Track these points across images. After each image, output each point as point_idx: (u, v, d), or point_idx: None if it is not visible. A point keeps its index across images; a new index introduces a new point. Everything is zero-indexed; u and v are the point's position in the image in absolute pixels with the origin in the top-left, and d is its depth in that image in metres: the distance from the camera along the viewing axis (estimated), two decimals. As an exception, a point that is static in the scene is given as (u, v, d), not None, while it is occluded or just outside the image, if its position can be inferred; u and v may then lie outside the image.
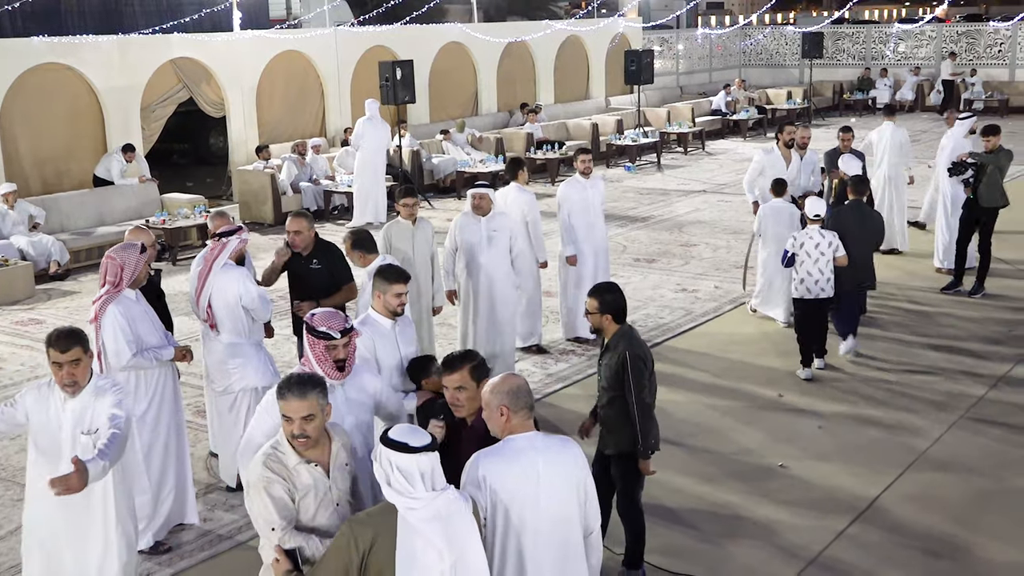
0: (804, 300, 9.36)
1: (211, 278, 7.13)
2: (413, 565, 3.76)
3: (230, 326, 7.14)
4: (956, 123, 12.67)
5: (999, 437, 8.06)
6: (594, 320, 5.91)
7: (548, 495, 4.23)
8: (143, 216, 15.08)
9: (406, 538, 3.78)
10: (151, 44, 17.25)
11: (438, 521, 3.79)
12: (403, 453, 3.78)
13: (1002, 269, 12.48)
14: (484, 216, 9.04)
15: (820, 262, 9.24)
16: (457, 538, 3.82)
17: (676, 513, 7.00)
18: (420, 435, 3.86)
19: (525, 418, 4.31)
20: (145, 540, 6.55)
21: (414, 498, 3.76)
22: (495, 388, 4.33)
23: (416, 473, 3.77)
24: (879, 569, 6.25)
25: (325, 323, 5.10)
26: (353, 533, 3.83)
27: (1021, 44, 29.74)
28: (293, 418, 4.32)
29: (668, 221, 16.26)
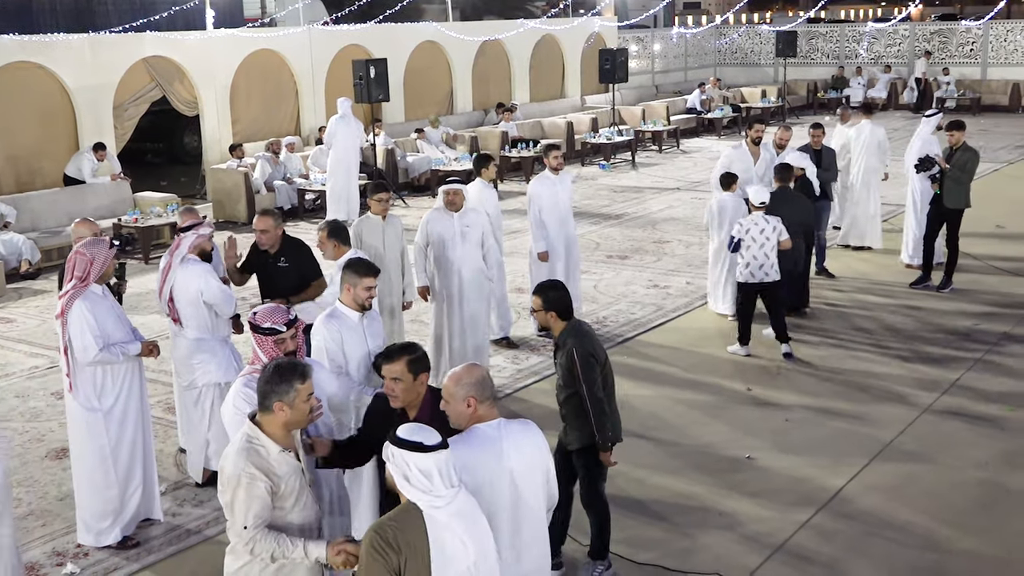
0: (749, 284, 9.71)
1: (171, 273, 7.17)
2: (446, 561, 3.78)
3: (193, 321, 7.19)
4: (921, 121, 12.77)
5: (962, 428, 8.16)
6: (540, 318, 5.94)
7: (517, 479, 4.32)
8: (116, 214, 15.05)
9: (437, 535, 3.77)
10: (123, 43, 17.18)
11: (462, 517, 3.82)
12: (419, 452, 3.77)
13: (970, 264, 12.61)
14: (456, 212, 9.08)
15: (766, 247, 9.59)
16: (477, 532, 3.86)
17: (643, 505, 7.06)
18: (430, 434, 3.86)
19: (490, 407, 4.38)
20: (112, 535, 6.59)
21: (437, 495, 3.77)
22: (460, 380, 4.37)
23: (435, 471, 3.77)
24: (842, 557, 6.32)
25: (269, 319, 5.14)
26: (385, 539, 3.77)
27: (993, 43, 30.01)
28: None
29: (642, 218, 16.33)
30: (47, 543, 6.73)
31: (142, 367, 6.80)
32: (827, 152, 12.43)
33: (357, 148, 16.65)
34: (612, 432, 5.96)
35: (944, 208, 11.51)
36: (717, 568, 6.20)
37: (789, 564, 6.26)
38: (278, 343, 5.09)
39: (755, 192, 9.77)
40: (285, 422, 4.39)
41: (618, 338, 10.50)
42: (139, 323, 10.43)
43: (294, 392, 4.38)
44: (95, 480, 6.54)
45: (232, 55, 18.50)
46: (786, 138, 11.81)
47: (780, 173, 10.40)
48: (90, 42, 16.59)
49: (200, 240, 7.30)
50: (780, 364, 9.64)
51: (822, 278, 12.23)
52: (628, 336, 10.56)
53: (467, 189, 9.44)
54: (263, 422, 4.41)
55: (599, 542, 6.14)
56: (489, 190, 10.09)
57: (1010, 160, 20.87)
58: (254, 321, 5.16)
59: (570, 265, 10.58)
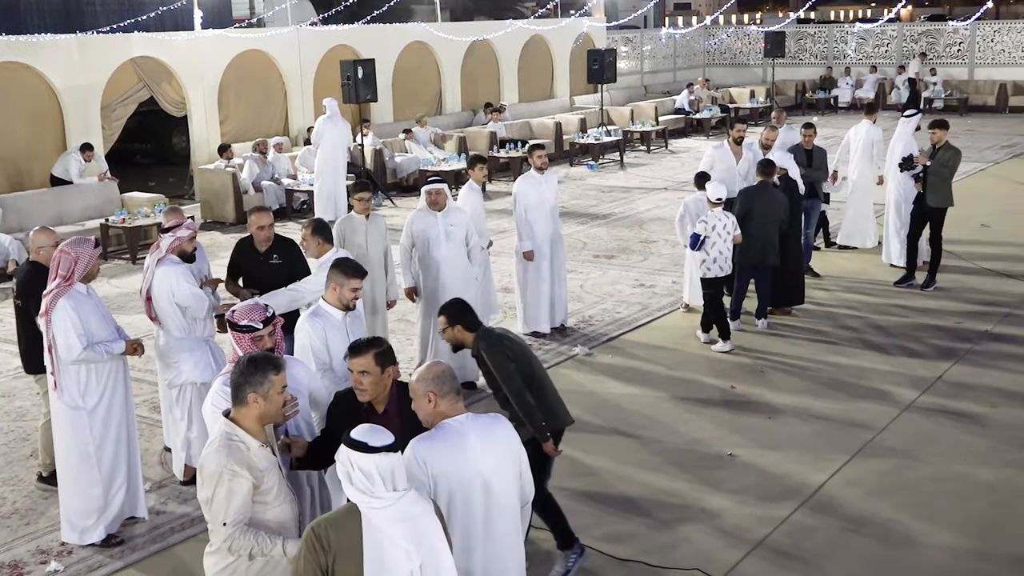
0: (716, 278, 10.01)
1: (149, 273, 7.21)
2: (382, 566, 3.75)
3: (170, 321, 7.22)
4: (900, 121, 12.83)
5: (943, 425, 8.22)
6: (449, 336, 5.89)
7: (488, 472, 4.35)
8: (103, 215, 15.05)
9: (372, 539, 3.75)
10: (111, 43, 17.19)
11: (404, 522, 3.77)
12: (362, 452, 3.76)
13: (955, 263, 12.70)
14: (440, 211, 9.11)
15: (728, 241, 9.96)
16: (424, 538, 3.80)
17: (626, 501, 7.10)
18: (381, 435, 3.83)
19: (453, 402, 4.40)
20: (96, 533, 6.61)
21: (376, 497, 3.74)
22: (420, 376, 4.42)
23: (375, 473, 3.74)
24: (822, 552, 6.38)
25: (247, 316, 5.17)
26: (317, 535, 3.79)
27: (980, 44, 30.15)
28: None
29: (629, 218, 16.38)
30: (31, 541, 6.74)
31: (127, 366, 6.82)
32: (818, 152, 12.48)
33: (344, 148, 16.67)
34: (548, 421, 5.96)
35: (927, 207, 11.58)
36: (698, 563, 6.25)
37: (769, 560, 6.32)
38: (255, 340, 5.12)
39: (712, 188, 10.03)
40: (260, 414, 4.43)
41: (603, 337, 10.56)
42: (126, 323, 10.47)
43: (268, 383, 4.41)
44: (79, 478, 6.56)
45: (220, 55, 18.51)
46: (772, 138, 11.88)
47: (763, 169, 10.54)
48: (78, 42, 16.59)
49: (178, 242, 7.29)
50: (763, 363, 9.70)
51: (807, 277, 12.27)
52: (613, 335, 10.61)
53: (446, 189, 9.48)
54: (238, 417, 4.44)
55: (559, 532, 6.17)
56: (475, 193, 10.11)
57: (996, 160, 20.98)
58: (231, 319, 5.19)
59: (556, 264, 10.62)
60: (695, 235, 9.98)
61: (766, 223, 10.22)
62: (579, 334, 10.67)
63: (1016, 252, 13.15)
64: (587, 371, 9.66)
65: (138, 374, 9.43)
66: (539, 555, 6.39)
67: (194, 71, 18.07)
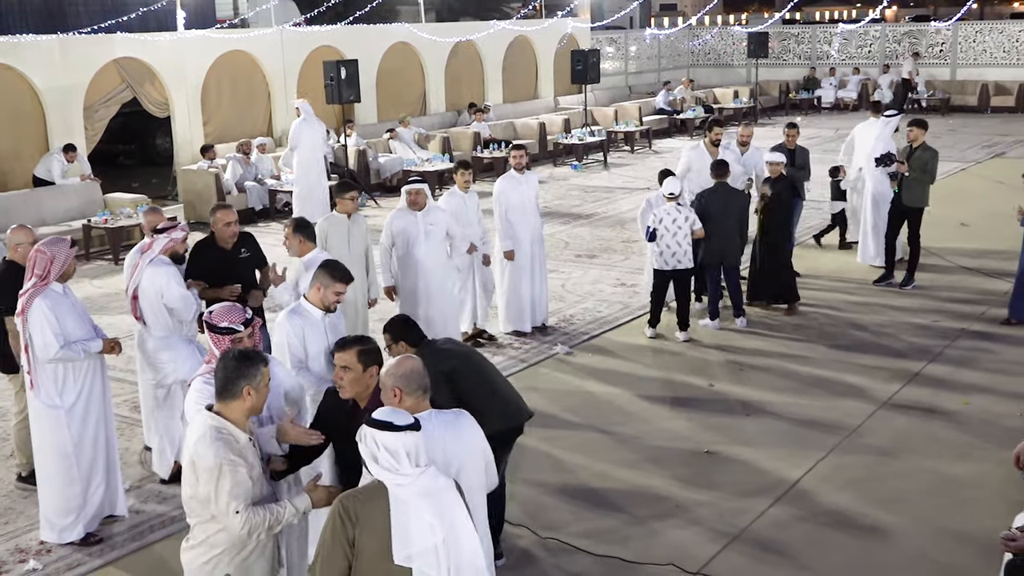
0: (662, 271, 10.27)
1: (138, 272, 7.23)
2: (409, 539, 3.89)
3: (153, 320, 7.22)
4: (880, 120, 12.91)
5: (917, 422, 8.30)
6: (394, 352, 5.84)
7: (456, 466, 4.43)
8: (86, 215, 15.04)
9: (400, 513, 3.89)
10: (94, 43, 17.17)
11: (428, 496, 3.91)
12: (388, 432, 3.90)
13: (934, 262, 12.81)
14: (420, 211, 9.17)
15: (678, 236, 10.09)
16: (446, 512, 3.94)
17: (604, 498, 7.16)
18: (403, 415, 3.99)
19: (419, 399, 4.47)
20: (75, 532, 6.63)
21: (402, 475, 3.88)
22: (390, 371, 4.51)
23: (402, 451, 3.88)
24: (796, 546, 6.45)
25: (226, 318, 5.21)
26: (345, 509, 3.94)
27: (962, 44, 30.33)
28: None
29: (611, 218, 16.45)
30: (10, 540, 6.76)
31: (104, 365, 6.84)
32: (800, 151, 12.55)
33: (321, 149, 16.60)
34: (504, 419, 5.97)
35: (905, 206, 11.67)
36: (673, 558, 6.31)
37: (744, 553, 6.38)
38: (235, 342, 5.15)
39: (666, 184, 10.31)
40: (252, 407, 4.51)
41: (584, 336, 10.62)
42: (108, 323, 10.52)
43: (259, 376, 4.51)
44: (57, 477, 6.58)
45: (203, 56, 18.51)
46: (747, 135, 11.97)
47: (716, 170, 10.69)
48: (60, 43, 16.58)
49: (172, 243, 7.30)
50: (742, 361, 9.77)
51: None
52: (594, 334, 10.67)
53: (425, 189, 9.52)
54: (225, 411, 4.48)
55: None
56: (455, 198, 10.13)
57: (977, 160, 21.11)
58: (210, 320, 5.22)
59: (536, 264, 10.68)
60: (647, 227, 10.27)
61: (723, 224, 10.40)
62: (560, 333, 10.73)
63: (994, 251, 13.24)
64: (567, 370, 9.72)
65: (119, 374, 9.45)
66: (515, 552, 6.45)
67: (177, 72, 18.06)
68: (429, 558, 3.89)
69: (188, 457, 4.46)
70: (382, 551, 3.88)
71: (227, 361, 4.53)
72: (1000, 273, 12.13)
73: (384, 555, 3.87)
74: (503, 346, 10.37)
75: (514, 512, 6.83)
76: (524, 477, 7.43)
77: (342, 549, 3.91)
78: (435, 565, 3.90)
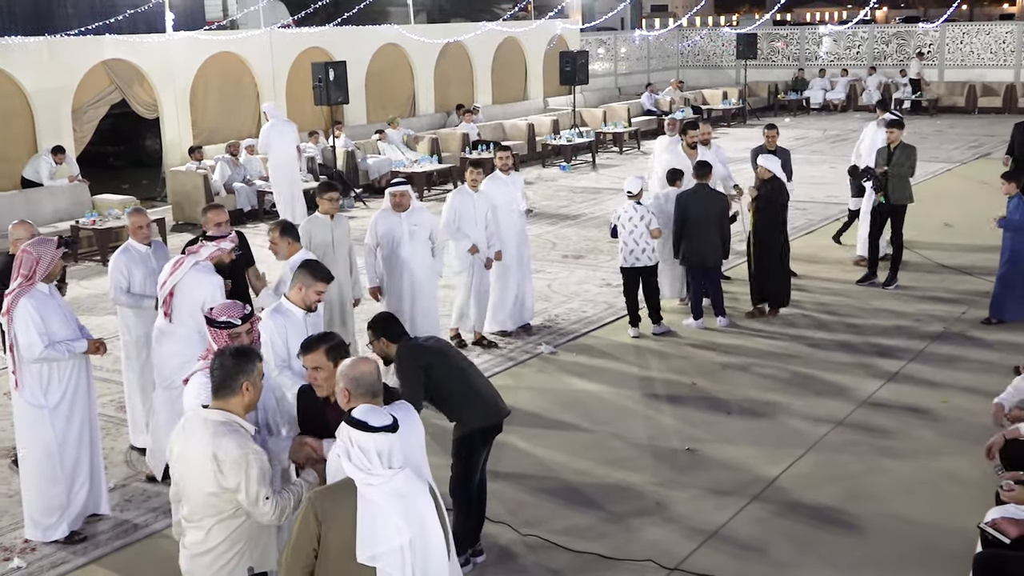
0: (628, 269, 10.46)
1: (180, 270, 7.07)
2: (375, 538, 3.94)
3: (186, 322, 7.07)
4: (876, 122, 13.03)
5: (896, 420, 8.39)
6: (377, 349, 5.96)
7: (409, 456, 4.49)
8: (74, 217, 15.09)
9: (367, 512, 3.94)
10: (82, 45, 17.22)
11: (397, 498, 3.96)
12: (362, 432, 3.96)
13: (917, 262, 12.92)
14: (404, 212, 9.25)
15: (635, 233, 10.30)
16: (415, 515, 4.00)
17: (584, 495, 7.24)
18: (381, 416, 4.04)
19: (369, 403, 4.50)
20: (60, 530, 6.69)
21: (372, 474, 3.94)
22: (343, 371, 4.60)
23: (373, 451, 3.94)
24: (771, 542, 6.54)
25: (225, 313, 5.29)
26: (313, 505, 4.01)
27: (949, 45, 30.48)
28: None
29: (598, 219, 16.52)
30: (-5, 539, 6.83)
31: (89, 365, 6.89)
32: (782, 152, 12.64)
33: (295, 151, 16.56)
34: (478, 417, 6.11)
35: (891, 205, 11.77)
36: (651, 555, 6.39)
37: (721, 550, 6.46)
38: (233, 337, 5.22)
39: (627, 182, 10.55)
40: (250, 401, 4.60)
41: (569, 335, 10.70)
42: (95, 324, 10.57)
43: (255, 371, 4.61)
44: (41, 476, 6.63)
45: (192, 58, 18.56)
46: (706, 133, 12.36)
47: (697, 171, 10.81)
48: (48, 45, 16.62)
49: (220, 253, 7.22)
50: (724, 360, 9.85)
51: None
52: (579, 333, 10.76)
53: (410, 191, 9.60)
54: (225, 407, 4.55)
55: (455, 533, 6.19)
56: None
57: (963, 160, 21.24)
58: (211, 316, 5.30)
59: (522, 264, 10.78)
60: (611, 224, 10.58)
61: (703, 225, 10.50)
62: (545, 333, 10.81)
63: (977, 251, 13.36)
64: (551, 369, 9.80)
65: (105, 374, 9.51)
66: (495, 548, 6.53)
67: (166, 73, 18.11)
68: (394, 559, 3.94)
69: (204, 454, 4.44)
70: (348, 549, 3.94)
71: (224, 358, 4.60)
72: (982, 273, 12.23)
73: (350, 553, 3.94)
74: (488, 346, 10.44)
75: (495, 509, 6.90)
76: (506, 474, 7.51)
77: (309, 544, 3.98)
78: (400, 566, 3.95)
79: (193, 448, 4.53)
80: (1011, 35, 30.01)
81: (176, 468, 4.66)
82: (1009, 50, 29.80)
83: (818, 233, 15.03)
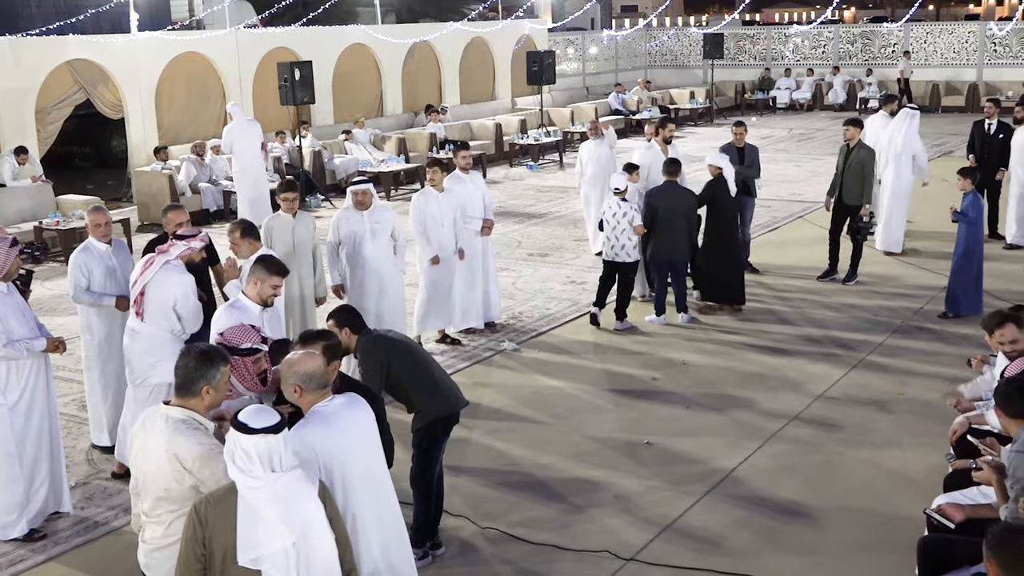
0: (607, 261, 10.76)
1: (151, 269, 7.07)
2: (256, 541, 3.92)
3: (157, 321, 7.06)
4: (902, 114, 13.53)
5: (852, 413, 8.52)
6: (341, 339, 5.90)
7: (358, 447, 4.62)
8: (37, 217, 15.01)
9: (246, 517, 3.92)
10: (46, 45, 17.14)
11: (279, 503, 3.92)
12: (244, 433, 3.92)
13: (879, 258, 13.11)
14: (366, 210, 9.29)
15: (617, 229, 10.55)
16: (297, 519, 3.96)
17: (545, 488, 7.32)
18: (264, 416, 3.98)
19: (319, 395, 4.62)
20: (19, 528, 6.69)
21: (253, 477, 3.90)
22: (292, 366, 4.61)
23: (254, 453, 3.90)
24: (726, 533, 6.64)
25: (246, 339, 5.28)
26: (196, 511, 4.00)
27: (913, 45, 30.80)
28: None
29: (564, 217, 16.63)
30: (-46, 537, 6.81)
31: (48, 363, 6.89)
32: (750, 149, 12.78)
33: (258, 150, 16.51)
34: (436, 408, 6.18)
35: (846, 204, 11.96)
36: (608, 546, 6.47)
37: (676, 541, 6.56)
38: (256, 362, 5.22)
39: (612, 179, 10.87)
40: (212, 403, 4.57)
41: (532, 332, 10.78)
42: (57, 324, 10.56)
43: (219, 376, 4.56)
44: (0, 474, 6.63)
45: (157, 58, 18.51)
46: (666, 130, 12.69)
47: (667, 168, 10.95)
48: (11, 45, 16.53)
49: (190, 252, 7.21)
50: (685, 355, 9.96)
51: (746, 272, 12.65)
52: (542, 330, 10.84)
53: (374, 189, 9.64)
54: (187, 405, 4.52)
55: (416, 527, 6.27)
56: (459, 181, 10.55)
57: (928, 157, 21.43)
58: (230, 343, 5.23)
59: (486, 262, 10.84)
60: (600, 218, 10.86)
61: (672, 221, 10.62)
62: (509, 330, 10.88)
63: (935, 247, 13.56)
64: (514, 365, 9.87)
65: (67, 374, 9.51)
66: (455, 542, 6.59)
67: (131, 73, 18.05)
68: (277, 561, 3.93)
69: (163, 450, 4.43)
70: (232, 553, 3.93)
71: (188, 359, 4.57)
72: (940, 269, 12.41)
73: (233, 557, 3.93)
74: (452, 343, 10.50)
75: (456, 503, 6.98)
76: (467, 469, 7.59)
77: (194, 552, 3.97)
78: (284, 569, 3.93)
79: (152, 444, 4.53)
80: (973, 35, 30.39)
81: (136, 463, 4.65)
82: (972, 50, 30.17)
83: (782, 230, 15.20)
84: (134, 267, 7.36)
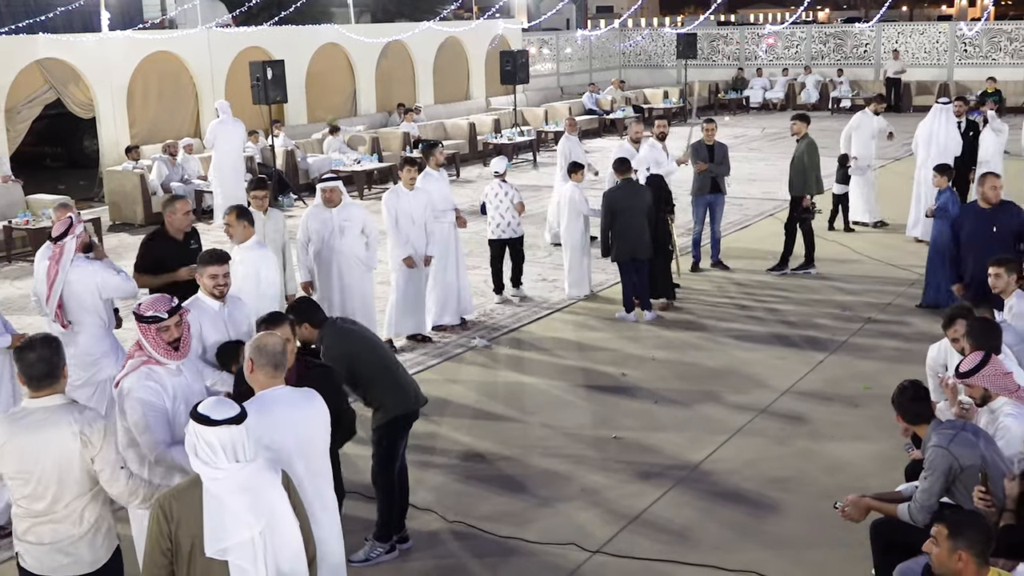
0: (497, 240, 11.52)
1: (60, 279, 7.05)
2: (224, 532, 3.93)
3: (88, 320, 7.12)
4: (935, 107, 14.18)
5: (818, 407, 8.61)
6: (299, 335, 5.97)
7: (303, 441, 4.66)
8: (6, 217, 14.91)
9: (212, 508, 3.93)
10: (15, 44, 17.03)
11: (244, 492, 3.95)
12: (205, 426, 3.93)
13: (844, 256, 13.25)
14: (335, 207, 9.30)
15: (500, 208, 11.42)
16: (263, 507, 3.98)
17: (513, 482, 7.37)
18: (224, 408, 4.00)
19: (270, 375, 4.65)
20: (-11, 524, 6.66)
21: (217, 468, 3.92)
22: (252, 342, 4.73)
23: (217, 444, 3.91)
24: (692, 524, 6.70)
25: (152, 308, 5.28)
26: (160, 505, 4.00)
27: (885, 45, 31.03)
28: None
29: (538, 215, 16.61)
30: (-82, 536, 6.78)
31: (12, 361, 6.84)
32: (719, 147, 12.89)
33: (240, 150, 16.53)
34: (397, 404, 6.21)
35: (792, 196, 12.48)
36: (574, 539, 6.52)
37: (641, 533, 6.61)
38: (161, 331, 5.24)
39: (494, 163, 11.89)
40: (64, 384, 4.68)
41: (503, 329, 10.82)
42: (27, 324, 10.47)
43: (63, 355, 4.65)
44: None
45: (129, 57, 18.42)
46: (638, 131, 13.02)
47: (617, 167, 11.12)
48: (-20, 44, 16.43)
49: (80, 239, 7.22)
50: (653, 352, 10.02)
51: (717, 270, 12.77)
52: (513, 327, 10.88)
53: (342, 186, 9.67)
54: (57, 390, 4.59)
55: (383, 522, 6.33)
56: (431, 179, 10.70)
57: (896, 157, 21.63)
58: (138, 311, 5.28)
59: (457, 259, 10.88)
60: (481, 202, 11.35)
61: (632, 220, 10.68)
62: (481, 327, 10.92)
63: (903, 244, 13.71)
64: (485, 362, 9.91)
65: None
66: (422, 535, 6.61)
67: (102, 73, 17.96)
68: (245, 551, 3.95)
69: (66, 435, 4.48)
70: (199, 545, 3.94)
71: (40, 352, 4.54)
72: (909, 266, 12.55)
73: (201, 549, 3.94)
74: (422, 340, 10.51)
75: (423, 497, 7.01)
76: (436, 463, 7.62)
77: (160, 547, 3.98)
78: (251, 558, 3.95)
79: (49, 438, 4.49)
80: (944, 35, 30.64)
81: (25, 467, 4.49)
82: (942, 49, 30.43)
83: (753, 227, 15.30)
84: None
